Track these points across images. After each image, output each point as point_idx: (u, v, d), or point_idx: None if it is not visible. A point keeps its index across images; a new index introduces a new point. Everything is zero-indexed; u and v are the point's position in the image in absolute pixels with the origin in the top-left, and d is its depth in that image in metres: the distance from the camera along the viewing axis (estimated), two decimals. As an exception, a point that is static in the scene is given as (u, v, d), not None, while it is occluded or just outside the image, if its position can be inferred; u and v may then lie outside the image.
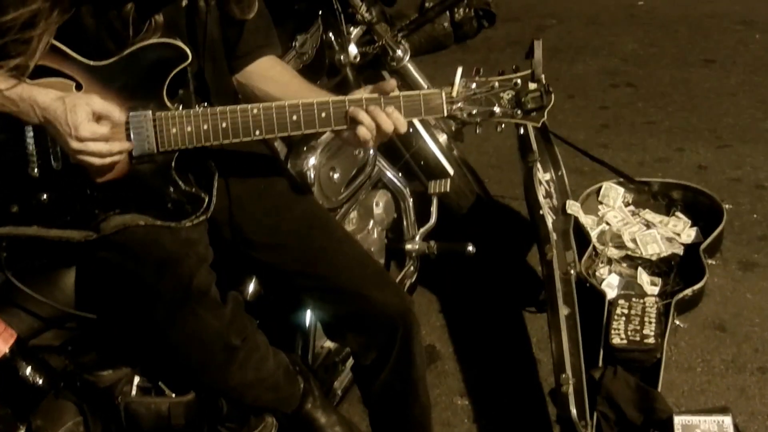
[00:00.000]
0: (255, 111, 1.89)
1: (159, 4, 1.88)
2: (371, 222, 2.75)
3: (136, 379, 2.05)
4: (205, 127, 1.88)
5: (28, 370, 1.85)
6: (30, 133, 1.88)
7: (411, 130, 3.01)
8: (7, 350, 1.82)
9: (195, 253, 1.94)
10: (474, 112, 1.93)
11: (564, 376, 2.57)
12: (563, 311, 2.75)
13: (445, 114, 1.93)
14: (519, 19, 6.17)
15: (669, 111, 4.70)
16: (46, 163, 1.89)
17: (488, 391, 2.94)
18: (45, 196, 1.90)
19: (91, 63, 1.88)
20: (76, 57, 1.87)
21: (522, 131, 3.20)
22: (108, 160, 1.84)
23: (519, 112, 1.93)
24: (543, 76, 1.93)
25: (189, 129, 1.88)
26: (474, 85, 1.92)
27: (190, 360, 1.99)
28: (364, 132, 1.89)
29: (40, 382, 1.86)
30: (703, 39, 5.64)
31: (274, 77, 2.11)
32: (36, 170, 1.89)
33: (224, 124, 1.88)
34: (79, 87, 1.87)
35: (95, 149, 1.81)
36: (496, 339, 3.16)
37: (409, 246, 2.88)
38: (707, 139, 4.42)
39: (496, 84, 1.92)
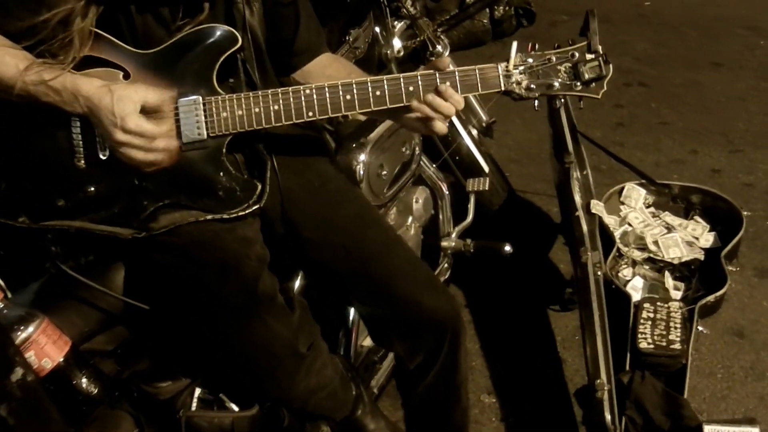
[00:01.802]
0: (308, 91, 1.69)
1: None
2: (410, 218, 2.53)
3: (197, 391, 1.83)
4: (257, 110, 1.68)
5: (83, 379, 1.65)
6: (77, 123, 1.66)
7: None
8: (61, 359, 1.61)
9: (254, 254, 1.74)
10: (532, 86, 1.76)
11: (599, 381, 2.41)
12: (597, 315, 2.54)
13: (502, 88, 1.76)
14: (531, 14, 5.89)
15: (681, 112, 4.48)
16: (93, 153, 1.67)
17: (515, 390, 2.76)
18: (92, 189, 1.68)
19: (139, 51, 1.67)
20: (123, 46, 1.66)
21: (556, 129, 2.97)
22: (151, 156, 1.62)
23: (578, 84, 1.77)
24: (600, 46, 1.78)
25: (240, 113, 1.68)
26: (530, 59, 1.76)
27: (256, 368, 1.79)
28: (422, 107, 1.71)
29: (95, 391, 1.66)
30: (711, 42, 5.41)
31: (333, 74, 1.91)
32: (82, 161, 1.67)
33: (276, 107, 1.69)
34: (126, 76, 1.66)
35: (139, 143, 1.60)
36: (522, 337, 2.98)
37: (445, 243, 2.66)
38: (720, 142, 4.20)
39: (553, 57, 1.77)
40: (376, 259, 1.87)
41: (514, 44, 1.73)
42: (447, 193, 2.65)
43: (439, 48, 2.77)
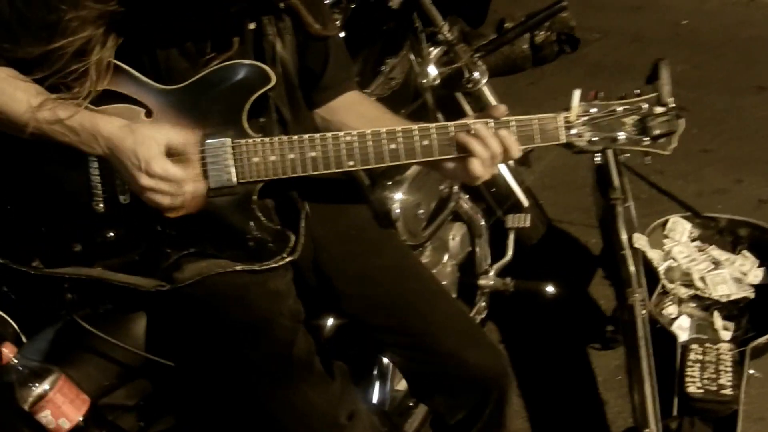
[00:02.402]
0: (348, 138, 1.56)
1: (226, 25, 1.55)
2: (446, 256, 2.41)
3: (224, 452, 1.69)
4: (292, 156, 1.54)
5: (103, 439, 1.52)
6: (95, 164, 1.54)
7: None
8: (80, 418, 1.49)
9: (288, 311, 1.61)
10: (595, 139, 1.62)
11: (647, 431, 2.26)
12: (646, 362, 2.39)
13: (563, 141, 1.62)
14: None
15: (724, 139, 4.29)
16: (113, 197, 1.55)
17: (555, 432, 2.60)
18: (111, 234, 1.56)
19: (163, 86, 1.53)
20: (144, 80, 1.53)
21: (600, 160, 2.81)
22: (179, 201, 1.49)
23: (646, 138, 1.64)
24: (671, 99, 1.67)
25: (273, 158, 1.54)
26: (594, 109, 1.62)
27: None
28: (473, 160, 1.55)
29: (116, 452, 1.53)
30: (751, 64, 5.20)
31: (363, 112, 1.78)
32: (101, 205, 1.55)
33: (313, 153, 1.55)
34: (149, 114, 1.53)
35: (166, 188, 1.47)
36: (561, 377, 2.81)
37: (482, 281, 2.51)
38: (765, 171, 4.00)
39: (619, 108, 1.63)
40: (416, 314, 1.73)
41: (576, 92, 1.60)
42: (485, 229, 2.50)
43: (476, 75, 2.64)
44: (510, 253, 2.53)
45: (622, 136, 1.62)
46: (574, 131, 1.60)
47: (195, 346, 1.60)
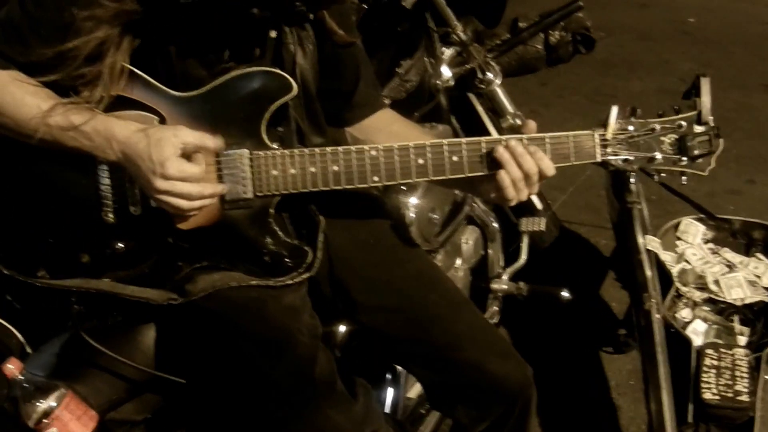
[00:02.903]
0: (373, 153, 1.47)
1: (248, 32, 1.47)
2: (459, 260, 2.33)
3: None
4: (313, 169, 1.46)
5: (112, 457, 1.45)
6: (104, 173, 1.46)
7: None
8: (87, 436, 1.41)
9: (305, 326, 1.52)
10: (631, 158, 1.54)
11: (664, 440, 2.18)
12: (663, 369, 2.32)
13: (599, 160, 1.53)
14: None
15: (735, 138, 4.21)
16: (123, 207, 1.47)
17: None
18: (120, 245, 1.49)
19: (178, 94, 1.45)
20: (158, 86, 1.45)
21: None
22: (197, 203, 1.41)
23: (684, 158, 1.54)
24: (711, 117, 1.55)
25: (293, 171, 1.46)
26: (631, 127, 1.53)
27: None
28: (506, 178, 1.46)
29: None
30: (760, 62, 5.14)
31: (397, 132, 1.68)
32: (111, 215, 1.48)
33: (336, 167, 1.46)
34: (162, 122, 1.46)
35: (183, 190, 1.39)
36: (574, 381, 2.74)
37: (495, 285, 2.44)
38: (778, 171, 3.94)
39: (657, 126, 1.54)
40: (438, 325, 1.65)
41: (614, 109, 1.51)
42: (498, 233, 2.43)
43: (490, 75, 2.57)
44: (524, 257, 2.45)
45: (659, 156, 1.54)
46: (610, 150, 1.52)
47: (208, 362, 1.53)
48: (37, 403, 1.39)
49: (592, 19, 5.35)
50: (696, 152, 1.53)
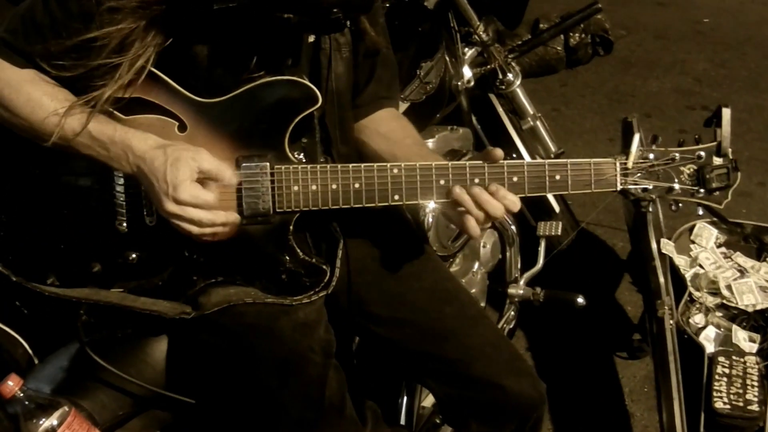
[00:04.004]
0: (395, 171, 1.38)
1: (282, 38, 1.37)
2: (476, 264, 2.23)
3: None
4: (334, 186, 1.36)
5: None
6: (120, 181, 1.36)
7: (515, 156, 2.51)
8: (91, 455, 1.31)
9: (318, 343, 1.42)
10: (650, 187, 1.47)
11: (676, 451, 2.09)
12: (675, 377, 2.22)
13: (618, 188, 1.45)
14: (588, 28, 5.48)
15: (747, 140, 4.07)
16: (138, 217, 1.37)
17: (580, 448, 2.43)
18: (133, 256, 1.39)
19: (201, 99, 1.35)
20: (181, 90, 1.35)
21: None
22: (208, 230, 1.31)
23: (702, 190, 1.48)
24: (730, 150, 1.49)
25: (314, 188, 1.36)
26: (652, 156, 1.46)
27: None
28: (469, 220, 1.39)
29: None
30: (772, 63, 4.98)
31: (386, 134, 1.58)
32: (125, 225, 1.38)
33: (357, 185, 1.37)
34: (182, 127, 1.35)
35: (194, 216, 1.28)
36: (587, 387, 2.63)
37: (512, 290, 2.34)
38: (789, 175, 3.81)
39: (677, 155, 1.47)
40: (453, 339, 1.55)
41: (636, 136, 1.43)
42: (516, 237, 2.32)
43: (510, 76, 2.47)
44: (541, 261, 2.35)
45: (677, 186, 1.47)
46: (630, 178, 1.44)
47: (217, 378, 1.44)
48: (39, 422, 1.27)
49: (611, 17, 5.22)
50: (714, 185, 1.47)
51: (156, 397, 1.42)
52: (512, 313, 2.36)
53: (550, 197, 2.54)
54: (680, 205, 1.54)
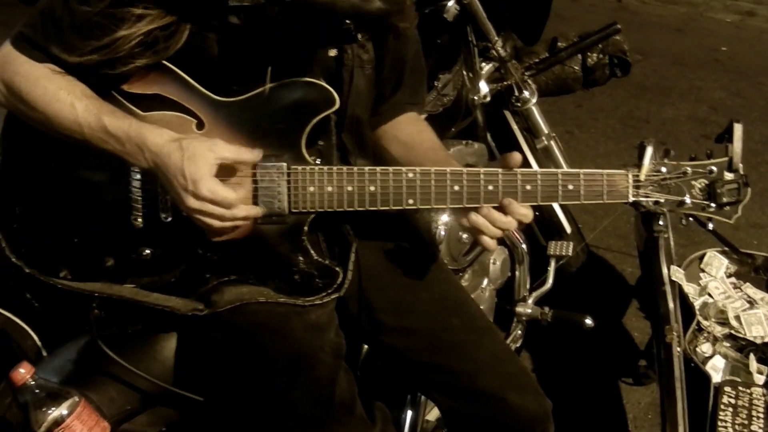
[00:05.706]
0: (411, 175, 1.41)
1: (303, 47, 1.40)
2: (485, 280, 2.25)
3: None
4: (350, 188, 1.39)
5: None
6: (137, 176, 1.39)
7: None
8: (98, 448, 1.33)
9: (328, 345, 1.45)
10: (661, 200, 1.50)
11: (680, 481, 2.11)
12: (681, 405, 2.23)
13: (630, 200, 1.48)
14: (604, 51, 5.52)
15: (761, 172, 4.11)
16: (153, 213, 1.40)
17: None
18: (147, 252, 1.41)
19: (219, 98, 1.38)
20: (199, 88, 1.38)
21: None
22: (229, 224, 1.34)
23: (712, 205, 1.51)
24: (741, 165, 1.53)
25: (330, 189, 1.39)
26: (664, 169, 1.49)
27: None
28: (486, 239, 1.44)
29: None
30: (789, 95, 5.02)
31: (404, 139, 1.63)
32: (140, 220, 1.40)
33: (372, 188, 1.40)
34: (200, 125, 1.38)
35: (215, 212, 1.31)
36: (591, 412, 2.64)
37: (520, 309, 2.36)
38: (803, 208, 3.83)
39: (689, 170, 1.50)
40: (458, 351, 1.57)
41: (648, 150, 1.46)
42: (526, 255, 2.34)
43: (526, 94, 2.49)
44: (550, 281, 2.37)
45: (688, 200, 1.50)
46: (642, 191, 1.47)
47: (227, 376, 1.46)
48: (48, 411, 1.30)
49: (628, 42, 5.26)
50: (725, 200, 1.50)
51: (164, 393, 1.44)
52: (519, 332, 2.39)
53: (561, 217, 2.55)
54: (690, 219, 1.57)
